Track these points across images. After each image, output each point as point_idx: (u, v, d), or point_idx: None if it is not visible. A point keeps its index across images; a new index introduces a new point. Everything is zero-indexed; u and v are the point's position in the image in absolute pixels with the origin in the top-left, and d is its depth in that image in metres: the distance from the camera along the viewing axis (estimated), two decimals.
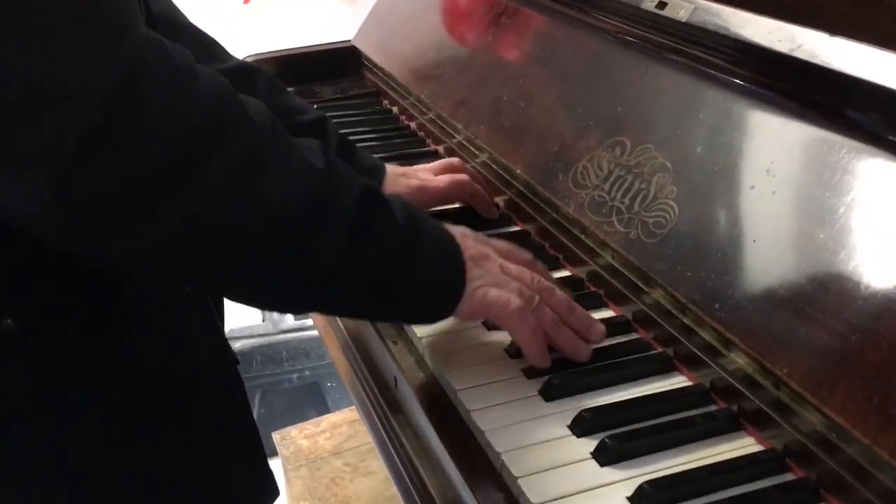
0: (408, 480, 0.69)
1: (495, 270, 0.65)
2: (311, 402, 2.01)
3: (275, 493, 0.76)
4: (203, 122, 0.49)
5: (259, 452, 0.73)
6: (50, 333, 0.56)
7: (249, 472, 0.71)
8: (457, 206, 0.91)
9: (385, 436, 0.75)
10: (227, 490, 0.69)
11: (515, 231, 0.89)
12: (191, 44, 0.82)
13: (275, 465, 1.71)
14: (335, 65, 1.37)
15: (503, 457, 0.58)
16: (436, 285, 0.63)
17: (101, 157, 0.45)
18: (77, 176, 0.45)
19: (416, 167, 0.90)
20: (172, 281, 0.57)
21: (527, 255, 0.71)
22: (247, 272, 0.55)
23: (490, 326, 0.73)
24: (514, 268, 0.67)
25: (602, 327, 0.69)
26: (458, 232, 0.66)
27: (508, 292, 0.64)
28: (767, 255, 0.61)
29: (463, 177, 0.88)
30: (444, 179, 0.87)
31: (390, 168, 0.87)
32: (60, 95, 0.44)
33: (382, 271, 0.59)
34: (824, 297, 0.56)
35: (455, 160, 0.92)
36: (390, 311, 0.64)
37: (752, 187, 0.64)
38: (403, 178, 0.86)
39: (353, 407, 1.65)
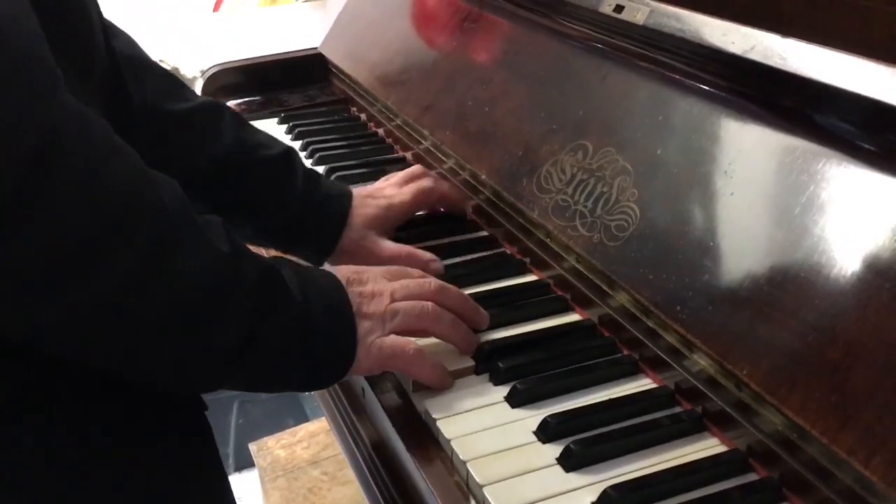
0: (377, 490, 0.69)
1: (383, 307, 0.65)
2: (290, 411, 2.00)
3: None
4: (113, 206, 0.48)
5: (220, 475, 0.72)
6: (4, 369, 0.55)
7: (213, 497, 0.70)
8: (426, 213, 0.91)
9: (353, 446, 0.75)
10: None
11: (483, 236, 0.89)
12: (157, 83, 0.82)
13: (252, 476, 1.71)
14: (303, 72, 1.36)
15: (468, 465, 0.58)
16: (332, 353, 0.63)
17: (6, 235, 0.44)
18: None
19: (381, 185, 0.90)
20: (73, 358, 0.55)
21: (413, 271, 0.72)
22: (149, 356, 0.55)
23: None
24: (398, 287, 0.67)
25: (486, 315, 0.71)
26: (343, 276, 0.66)
27: (399, 325, 0.65)
28: (726, 256, 0.61)
29: (426, 183, 0.89)
30: (409, 191, 0.88)
31: (357, 191, 0.87)
32: None
33: (281, 350, 0.60)
34: (782, 296, 0.56)
35: (417, 168, 0.92)
36: (289, 383, 0.64)
37: (711, 189, 0.65)
38: (370, 199, 0.86)
39: None
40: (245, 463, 1.85)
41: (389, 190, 0.89)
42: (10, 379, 0.54)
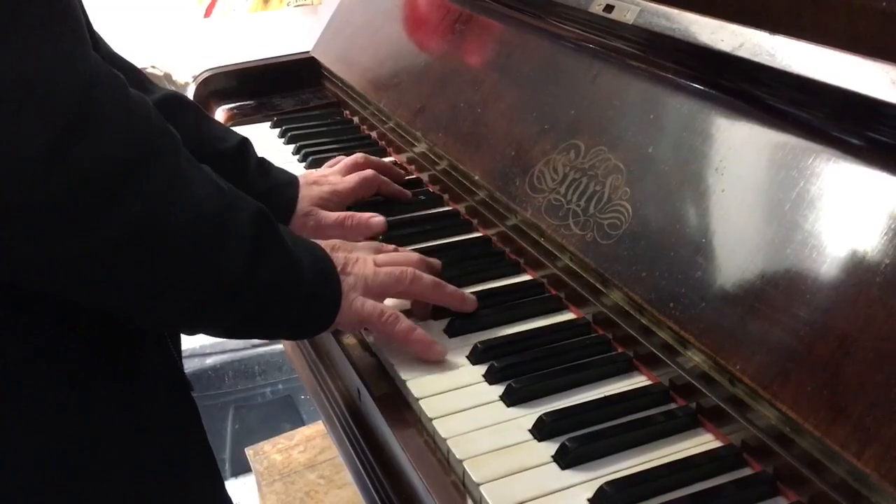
0: (373, 492, 0.69)
1: (367, 269, 0.71)
2: (286, 415, 2.00)
3: None
4: (142, 136, 0.54)
5: (216, 480, 0.73)
6: (5, 348, 0.56)
7: (206, 500, 0.71)
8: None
9: (351, 448, 0.75)
10: None
11: (477, 237, 0.89)
12: (125, 75, 0.83)
13: (249, 480, 1.71)
14: (295, 76, 1.36)
15: (465, 464, 0.58)
16: (317, 298, 0.67)
17: (63, 162, 0.48)
18: (42, 174, 0.48)
19: (325, 172, 0.96)
20: (92, 294, 0.57)
21: (391, 247, 0.77)
22: (166, 286, 0.58)
23: (452, 334, 0.73)
24: (382, 257, 0.73)
25: (474, 297, 0.75)
26: (328, 244, 0.72)
27: (378, 289, 0.70)
28: (718, 252, 0.62)
29: (369, 172, 0.94)
30: (352, 179, 0.93)
31: (303, 176, 0.92)
32: (30, 100, 0.47)
33: (275, 285, 0.63)
34: (774, 292, 0.56)
35: (359, 156, 0.98)
36: (280, 323, 0.67)
37: (702, 186, 0.65)
38: (315, 185, 0.91)
39: None
40: (242, 468, 1.85)
41: (333, 178, 0.93)
42: None
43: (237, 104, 1.32)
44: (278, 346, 1.98)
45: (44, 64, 0.47)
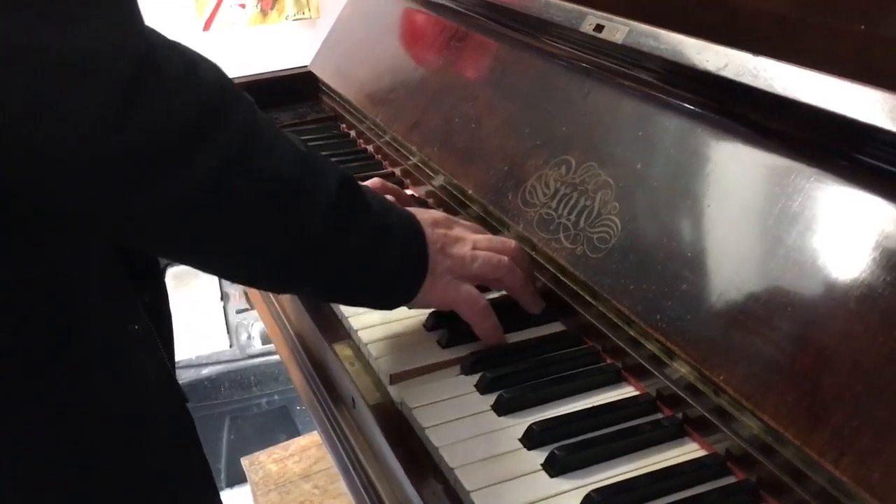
0: (367, 499, 0.70)
1: (465, 251, 0.71)
2: (281, 425, 2.00)
3: None
4: (212, 94, 0.55)
5: (212, 492, 0.74)
6: (4, 362, 0.57)
7: None
8: None
9: (345, 456, 0.76)
10: None
11: None
12: None
13: (244, 491, 1.71)
14: (293, 90, 1.38)
15: (456, 472, 0.60)
16: (402, 270, 0.68)
17: (131, 119, 0.50)
18: (113, 135, 0.50)
19: None
20: (170, 250, 0.60)
21: (488, 233, 0.78)
22: (245, 236, 0.59)
23: (444, 344, 0.74)
24: (483, 240, 0.74)
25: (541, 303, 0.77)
26: (429, 219, 0.72)
27: (476, 270, 0.71)
28: (704, 266, 0.63)
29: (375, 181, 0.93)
30: None
31: None
32: (93, 65, 0.49)
33: (359, 250, 0.64)
34: (756, 305, 0.58)
35: (376, 181, 0.96)
36: (359, 291, 0.69)
37: (689, 202, 0.67)
38: None
39: None
40: (237, 478, 1.86)
41: None
42: None
43: None
44: (274, 358, 1.99)
45: (105, 33, 0.50)
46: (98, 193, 0.52)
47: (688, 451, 0.62)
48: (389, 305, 0.72)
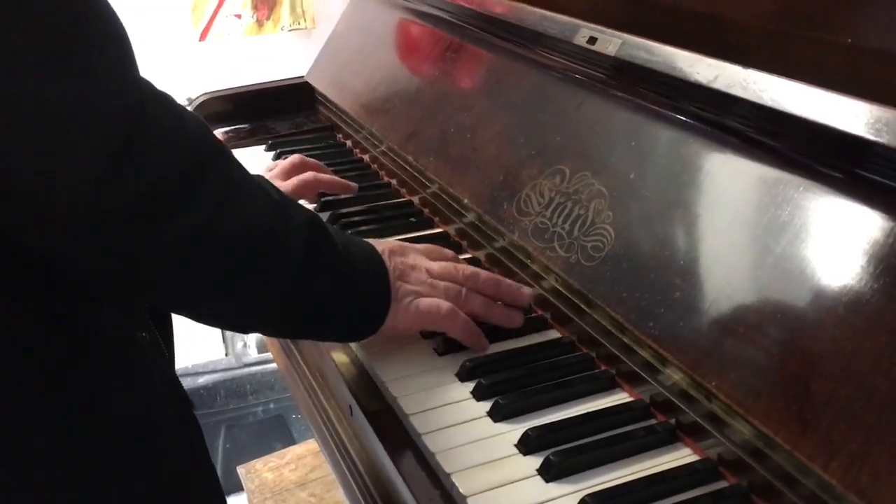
0: None
1: (423, 277, 0.74)
2: (277, 434, 2.01)
3: None
4: (196, 148, 0.56)
5: (219, 495, 0.74)
6: (18, 380, 0.58)
7: None
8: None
9: (342, 463, 0.77)
10: None
11: (466, 258, 0.92)
12: None
13: (240, 499, 1.72)
14: (289, 101, 1.39)
15: (452, 477, 0.61)
16: (368, 302, 0.70)
17: (124, 173, 0.51)
18: (106, 188, 0.51)
19: (265, 176, 0.98)
20: (153, 296, 0.62)
21: (448, 252, 0.81)
22: (222, 284, 0.60)
23: (441, 352, 0.75)
24: (436, 266, 0.76)
25: (530, 290, 0.78)
26: (385, 248, 0.74)
27: (437, 297, 0.73)
28: (695, 274, 0.64)
29: (307, 175, 0.98)
30: (291, 184, 0.97)
31: None
32: (90, 118, 0.50)
33: (328, 291, 0.66)
34: (747, 312, 0.59)
35: (296, 157, 1.01)
36: (328, 328, 0.70)
37: (681, 211, 0.68)
38: None
39: None
40: (233, 486, 1.86)
41: (275, 182, 0.96)
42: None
43: (233, 127, 1.35)
44: (270, 366, 2.00)
45: (102, 86, 0.51)
46: (90, 242, 0.53)
47: (681, 456, 0.63)
48: (357, 338, 0.74)
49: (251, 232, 0.60)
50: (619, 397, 0.69)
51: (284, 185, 0.96)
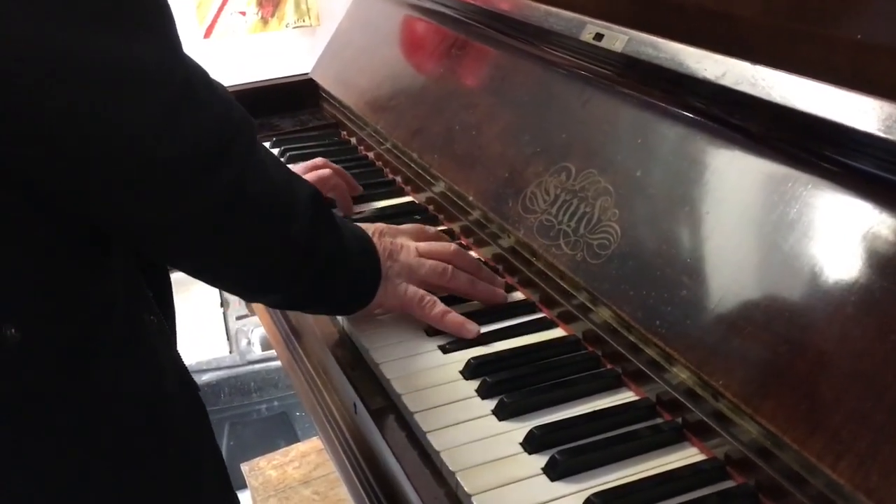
0: (368, 503, 0.71)
1: (410, 257, 0.78)
2: (281, 432, 2.01)
3: None
4: (230, 110, 0.61)
5: (225, 480, 0.75)
6: (45, 348, 0.58)
7: (215, 496, 0.73)
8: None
9: (346, 461, 0.77)
10: None
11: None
12: None
13: (244, 497, 1.71)
14: (294, 97, 1.39)
15: (457, 475, 0.60)
16: (362, 275, 0.75)
17: (176, 130, 0.56)
18: (160, 144, 0.55)
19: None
20: (188, 253, 0.64)
21: (432, 230, 0.86)
22: (250, 238, 0.64)
23: (446, 350, 0.75)
24: (423, 245, 0.80)
25: (502, 282, 0.83)
26: (374, 229, 0.79)
27: (424, 276, 0.78)
28: (703, 272, 0.64)
29: (325, 172, 1.01)
30: (309, 178, 0.99)
31: None
32: (149, 78, 0.55)
33: (331, 258, 0.70)
34: (755, 310, 0.59)
35: (319, 160, 1.05)
36: (325, 297, 0.74)
37: (688, 208, 0.67)
38: None
39: None
40: (237, 484, 1.85)
41: None
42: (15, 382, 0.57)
43: None
44: (274, 364, 1.99)
45: (157, 50, 0.55)
46: (138, 198, 0.57)
47: (687, 455, 0.62)
48: (348, 310, 0.78)
49: (272, 190, 0.65)
50: (625, 396, 0.69)
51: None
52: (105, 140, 0.54)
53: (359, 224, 0.78)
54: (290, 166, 1.02)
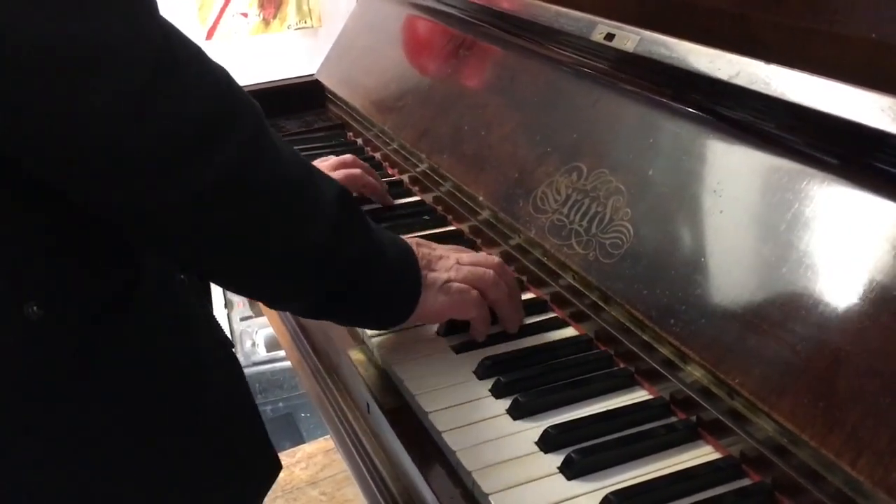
0: (383, 503, 0.71)
1: (450, 265, 0.73)
2: (286, 433, 2.01)
3: (277, 468, 0.76)
4: (222, 90, 0.55)
5: (261, 431, 0.75)
6: (70, 321, 0.57)
7: (254, 452, 0.73)
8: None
9: (360, 461, 0.77)
10: (235, 472, 0.70)
11: None
12: None
13: None
14: (299, 99, 1.39)
15: (474, 475, 0.60)
16: (399, 284, 0.69)
17: (150, 111, 0.50)
18: (132, 127, 0.50)
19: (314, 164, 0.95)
20: (186, 249, 0.59)
21: (473, 252, 0.80)
22: (254, 236, 0.59)
23: (458, 349, 0.75)
24: (465, 257, 0.76)
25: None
26: (414, 241, 0.74)
27: (465, 281, 0.72)
28: (717, 270, 0.64)
29: (356, 171, 0.98)
30: (339, 175, 0.96)
31: None
32: (113, 58, 0.49)
33: (360, 262, 0.64)
34: (771, 309, 0.59)
35: (348, 157, 1.01)
36: (356, 309, 0.69)
37: (701, 207, 0.68)
38: None
39: (328, 437, 1.66)
40: None
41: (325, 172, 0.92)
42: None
43: None
44: (279, 365, 1.99)
45: (122, 27, 0.50)
46: (119, 186, 0.53)
47: (702, 453, 0.62)
48: (383, 321, 0.73)
49: (283, 183, 0.59)
50: (639, 395, 0.69)
51: (332, 175, 0.92)
52: (66, 130, 0.49)
53: (398, 235, 0.73)
54: (315, 162, 1.00)
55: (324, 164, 1.00)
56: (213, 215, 0.56)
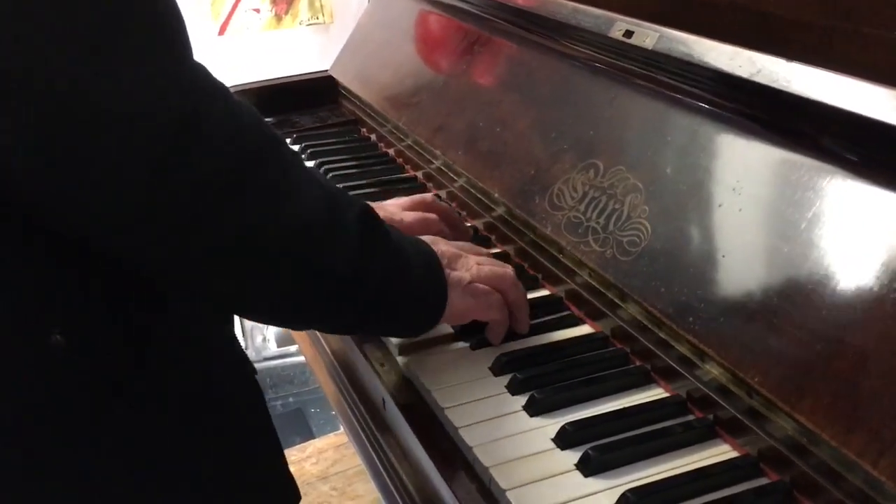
0: (398, 499, 0.71)
1: (471, 264, 0.73)
2: (296, 428, 2.01)
3: (297, 497, 0.77)
4: (250, 143, 0.56)
5: (279, 459, 0.75)
6: (96, 349, 0.58)
7: (271, 479, 0.73)
8: None
9: (375, 457, 0.77)
10: (253, 497, 0.70)
11: (495, 253, 0.91)
12: None
13: None
14: (313, 94, 1.39)
15: (491, 471, 0.60)
16: (427, 294, 0.69)
17: (170, 176, 0.51)
18: (158, 185, 0.50)
19: (389, 202, 0.90)
20: (214, 295, 0.61)
21: (482, 249, 0.80)
22: (279, 279, 0.60)
23: (474, 346, 0.75)
24: (483, 258, 0.76)
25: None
26: (430, 240, 0.74)
27: (485, 282, 0.73)
28: (736, 269, 0.64)
29: (431, 216, 0.88)
30: (412, 216, 0.88)
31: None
32: (135, 120, 0.49)
33: (385, 281, 0.65)
34: (791, 308, 0.59)
35: (427, 196, 0.92)
36: (388, 322, 0.70)
37: (720, 205, 0.67)
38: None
39: (339, 432, 1.66)
40: None
41: (392, 207, 0.88)
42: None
43: None
44: (289, 360, 2.00)
45: (148, 84, 0.49)
46: (142, 241, 0.53)
47: (720, 452, 0.62)
48: (422, 328, 0.72)
49: (307, 224, 0.59)
50: (655, 393, 0.69)
51: (405, 216, 0.87)
52: (88, 193, 0.49)
53: (417, 237, 0.73)
54: (394, 200, 0.90)
55: (399, 202, 0.90)
56: (234, 266, 0.57)
